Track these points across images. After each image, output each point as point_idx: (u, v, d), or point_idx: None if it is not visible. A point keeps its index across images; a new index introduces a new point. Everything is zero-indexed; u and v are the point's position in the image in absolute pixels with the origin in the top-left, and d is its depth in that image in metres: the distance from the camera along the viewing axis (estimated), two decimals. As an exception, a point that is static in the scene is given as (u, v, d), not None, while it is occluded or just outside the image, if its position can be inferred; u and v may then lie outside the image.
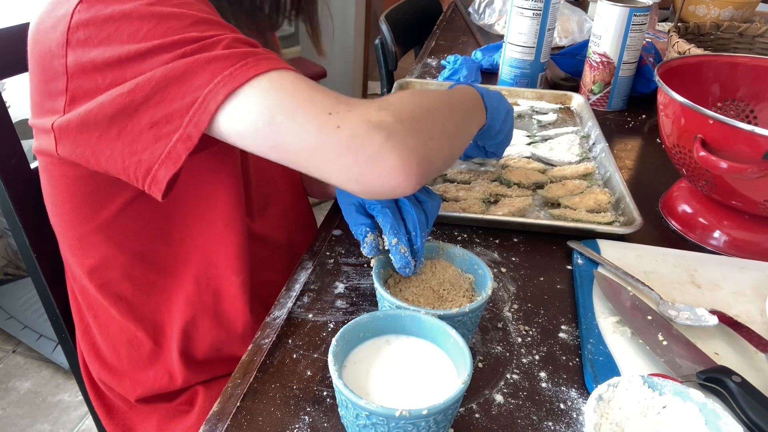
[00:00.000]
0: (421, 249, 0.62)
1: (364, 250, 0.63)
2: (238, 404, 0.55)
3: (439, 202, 0.66)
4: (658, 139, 1.12)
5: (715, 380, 0.55)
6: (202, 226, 0.73)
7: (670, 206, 0.88)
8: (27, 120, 0.65)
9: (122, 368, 0.80)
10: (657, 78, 0.79)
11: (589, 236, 0.79)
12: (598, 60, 1.20)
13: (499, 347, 0.62)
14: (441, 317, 0.54)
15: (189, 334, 0.78)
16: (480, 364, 0.60)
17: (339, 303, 0.67)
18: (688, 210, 0.85)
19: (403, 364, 0.52)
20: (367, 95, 3.46)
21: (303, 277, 0.71)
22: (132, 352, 0.79)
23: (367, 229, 0.63)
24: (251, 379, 0.57)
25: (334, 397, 0.55)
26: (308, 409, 0.54)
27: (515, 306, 0.68)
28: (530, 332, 0.65)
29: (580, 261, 0.74)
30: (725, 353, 0.61)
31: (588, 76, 1.24)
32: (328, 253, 0.76)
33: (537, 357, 0.61)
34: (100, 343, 0.80)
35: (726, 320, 0.63)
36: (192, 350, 0.79)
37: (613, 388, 0.48)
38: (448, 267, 0.65)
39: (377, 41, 1.73)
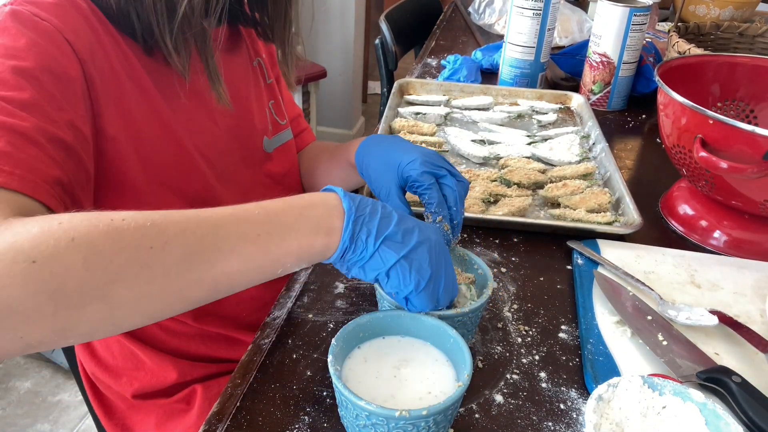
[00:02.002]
0: (461, 223, 0.63)
1: None
2: (238, 404, 0.55)
3: (468, 182, 0.66)
4: (658, 139, 1.12)
5: (715, 380, 0.55)
6: None
7: (670, 206, 0.88)
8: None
9: (116, 366, 0.80)
10: (657, 78, 0.79)
11: (589, 236, 0.79)
12: (598, 60, 1.20)
13: (499, 347, 0.62)
14: (441, 317, 0.54)
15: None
16: (480, 364, 0.60)
17: (339, 303, 0.67)
18: (688, 210, 0.85)
19: (403, 365, 0.52)
20: (367, 95, 3.46)
21: (303, 277, 0.71)
22: (124, 349, 0.79)
23: (410, 212, 0.64)
24: (251, 380, 0.57)
25: (333, 397, 0.55)
26: (308, 409, 0.54)
27: (515, 306, 0.68)
28: (530, 332, 0.65)
29: (580, 261, 0.74)
30: (725, 353, 0.61)
31: (588, 76, 1.24)
32: (328, 253, 0.76)
33: (537, 357, 0.61)
34: (93, 342, 0.80)
35: (726, 320, 0.63)
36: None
37: (613, 389, 0.48)
38: (448, 267, 0.65)
39: (377, 41, 1.73)
